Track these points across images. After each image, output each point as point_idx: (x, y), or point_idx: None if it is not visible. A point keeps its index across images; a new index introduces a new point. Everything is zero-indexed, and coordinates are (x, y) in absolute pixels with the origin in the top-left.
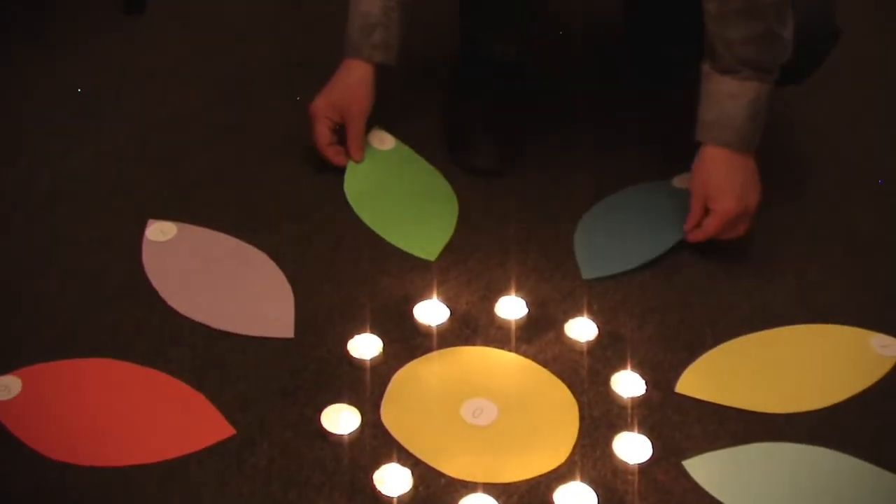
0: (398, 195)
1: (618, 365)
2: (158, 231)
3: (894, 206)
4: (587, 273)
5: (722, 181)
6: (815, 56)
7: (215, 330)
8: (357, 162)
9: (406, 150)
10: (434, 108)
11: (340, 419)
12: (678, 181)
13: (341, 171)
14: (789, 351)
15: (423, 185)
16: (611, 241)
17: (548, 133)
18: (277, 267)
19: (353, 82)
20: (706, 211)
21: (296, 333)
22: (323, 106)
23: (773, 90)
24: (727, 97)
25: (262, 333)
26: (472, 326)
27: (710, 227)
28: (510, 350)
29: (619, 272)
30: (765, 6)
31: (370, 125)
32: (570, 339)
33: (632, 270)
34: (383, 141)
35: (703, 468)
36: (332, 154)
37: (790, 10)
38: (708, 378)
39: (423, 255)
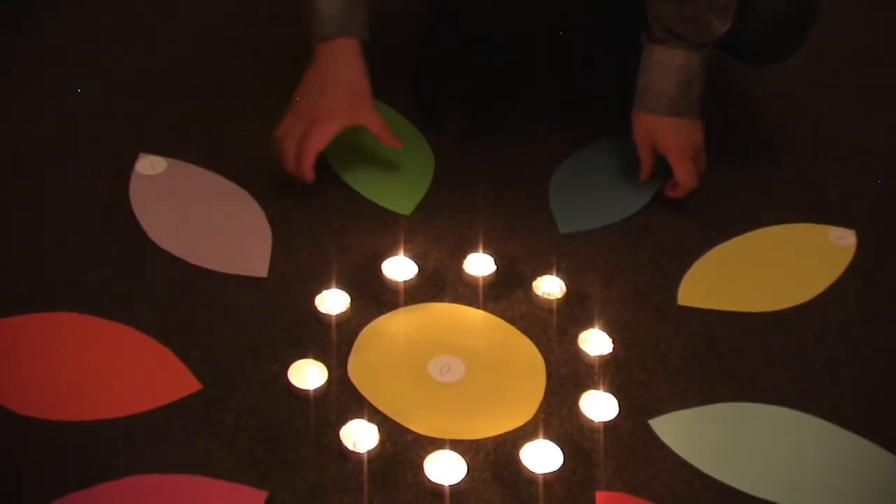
0: (375, 151)
1: (585, 324)
2: (148, 165)
3: (863, 176)
4: (564, 227)
5: (662, 127)
6: (796, 32)
7: (191, 266)
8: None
9: (385, 108)
10: (413, 66)
11: (307, 375)
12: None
13: None
14: (764, 253)
15: (401, 142)
16: (587, 196)
17: (524, 93)
18: (260, 207)
19: (354, 74)
20: (658, 161)
21: (264, 289)
22: (339, 119)
23: (707, 62)
24: (656, 65)
25: (236, 272)
26: (441, 283)
27: (682, 175)
28: (478, 307)
29: (597, 227)
30: None
31: None
32: (538, 297)
33: (602, 229)
34: None
35: (669, 427)
36: (311, 167)
37: (732, 3)
38: (701, 288)
39: (398, 210)
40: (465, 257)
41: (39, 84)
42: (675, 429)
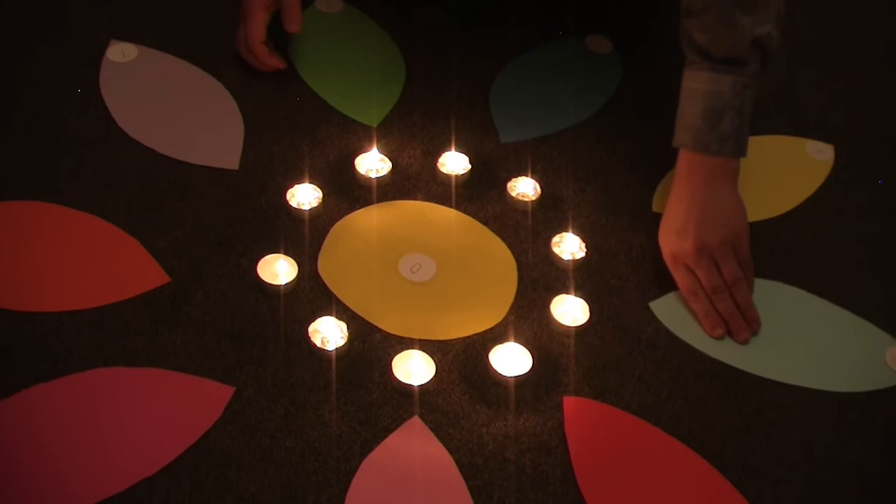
0: (344, 59)
1: (559, 227)
2: (119, 52)
3: (842, 90)
4: (505, 137)
5: (669, 213)
6: None
7: (161, 156)
8: (293, 32)
9: (355, 12)
10: None
11: (277, 270)
12: (591, 42)
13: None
14: (741, 164)
15: (370, 49)
16: (529, 104)
17: None
18: (232, 98)
19: None
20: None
21: (234, 181)
22: (257, 8)
23: (746, 89)
24: (685, 93)
25: (207, 163)
26: (414, 181)
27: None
28: (451, 207)
29: (538, 136)
30: None
31: None
32: (512, 198)
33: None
34: (331, 5)
35: (665, 309)
36: (265, 55)
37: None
38: None
39: (364, 121)
40: (439, 156)
41: None
42: (670, 309)
